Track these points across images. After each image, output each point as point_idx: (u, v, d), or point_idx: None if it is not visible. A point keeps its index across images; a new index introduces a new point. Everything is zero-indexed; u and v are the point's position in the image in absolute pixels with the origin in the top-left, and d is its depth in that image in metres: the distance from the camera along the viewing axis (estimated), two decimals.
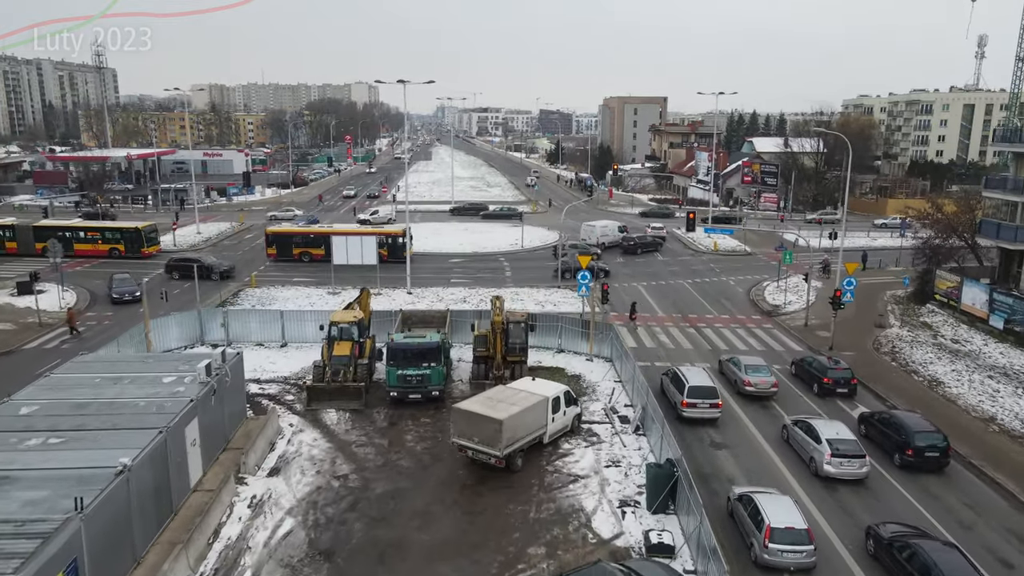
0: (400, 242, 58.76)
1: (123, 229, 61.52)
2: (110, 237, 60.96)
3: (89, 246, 60.57)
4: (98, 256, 60.31)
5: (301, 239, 59.96)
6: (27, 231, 61.27)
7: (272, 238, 60.04)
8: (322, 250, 57.94)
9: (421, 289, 51.24)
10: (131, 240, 60.46)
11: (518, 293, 50.39)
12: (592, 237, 66.01)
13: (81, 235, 61.10)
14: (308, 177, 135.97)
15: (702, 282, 55.59)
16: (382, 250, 58.31)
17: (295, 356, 36.81)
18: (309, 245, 59.47)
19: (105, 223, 65.28)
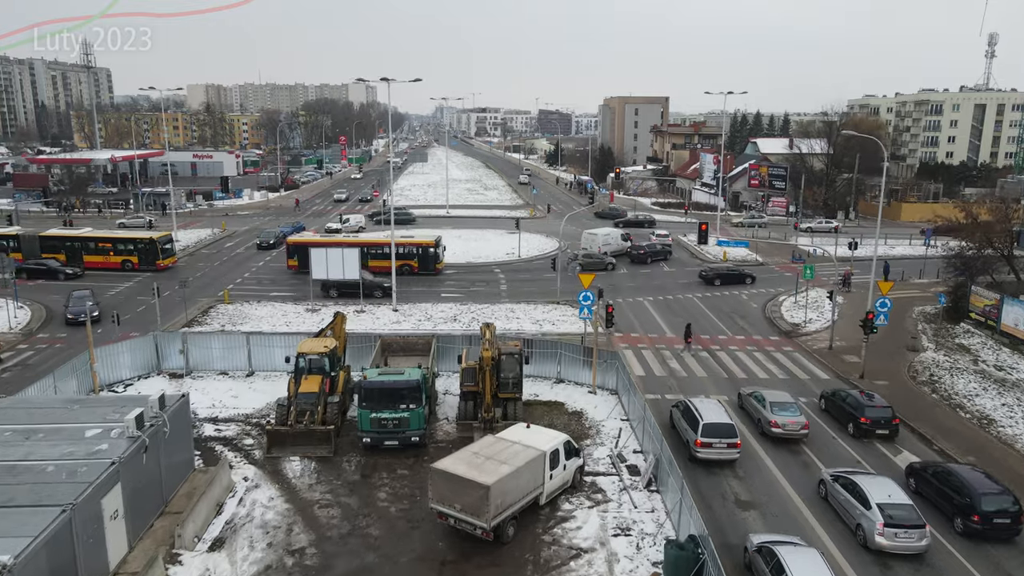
0: (431, 252, 55.32)
1: (136, 240, 57.26)
2: (122, 248, 56.79)
3: (100, 258, 56.51)
4: (110, 269, 56.22)
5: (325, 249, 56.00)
6: (33, 241, 57.16)
7: (293, 249, 56.08)
8: None
9: (408, 306, 47.13)
10: (145, 252, 56.26)
11: (514, 310, 46.29)
12: (593, 246, 61.91)
13: (91, 246, 56.87)
14: (299, 180, 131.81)
15: (713, 296, 51.48)
16: (411, 261, 54.86)
17: (262, 388, 32.70)
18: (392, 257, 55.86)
19: (117, 233, 60.71)
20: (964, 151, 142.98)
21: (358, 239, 57.18)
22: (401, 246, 55.22)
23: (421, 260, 55.85)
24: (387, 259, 53.88)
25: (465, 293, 51.60)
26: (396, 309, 46.04)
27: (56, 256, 56.23)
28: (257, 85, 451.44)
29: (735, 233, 77.56)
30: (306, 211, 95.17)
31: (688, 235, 75.04)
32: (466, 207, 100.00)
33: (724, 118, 79.82)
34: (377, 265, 54.54)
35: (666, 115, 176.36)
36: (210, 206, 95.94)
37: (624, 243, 64.50)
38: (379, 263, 54.59)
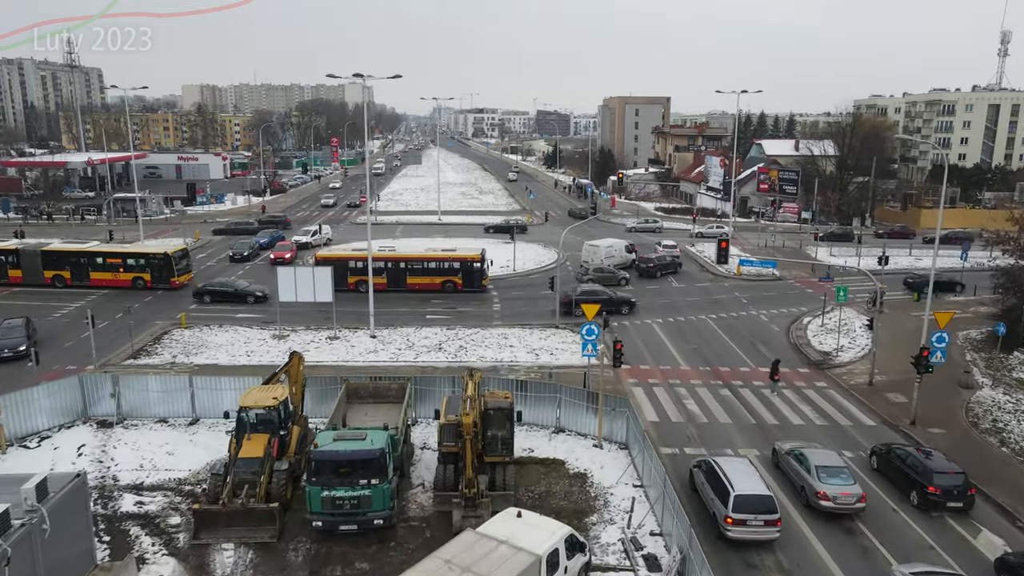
0: (476, 267, 50.59)
1: (148, 255, 51.49)
2: (133, 264, 51.23)
3: (108, 275, 50.97)
4: (119, 287, 50.73)
5: (359, 266, 50.25)
6: (34, 257, 51.65)
7: (322, 264, 50.71)
8: (384, 279, 50.11)
9: (388, 331, 41.86)
10: (158, 268, 50.67)
11: (507, 336, 41.02)
12: (595, 259, 56.68)
13: (98, 261, 51.37)
14: (287, 184, 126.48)
15: (729, 318, 46.25)
16: (455, 278, 50.22)
17: (205, 441, 27.44)
18: (366, 272, 49.20)
19: (127, 247, 55.02)
20: (977, 153, 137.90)
21: (396, 254, 52.23)
22: (443, 261, 51.32)
23: (466, 276, 50.90)
24: (428, 275, 50.62)
25: (453, 314, 46.35)
26: (374, 335, 40.78)
27: (60, 272, 51.16)
28: (252, 86, 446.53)
29: (744, 241, 72.43)
30: (291, 216, 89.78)
31: (697, 245, 69.89)
32: (459, 213, 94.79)
33: (735, 118, 74.42)
34: (417, 282, 50.72)
35: (667, 116, 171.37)
36: (179, 213, 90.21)
37: (629, 255, 59.28)
38: (419, 279, 50.77)
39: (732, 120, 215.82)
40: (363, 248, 54.12)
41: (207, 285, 49.73)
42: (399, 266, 51.09)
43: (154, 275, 50.80)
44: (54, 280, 51.06)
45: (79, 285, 50.73)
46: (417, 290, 50.77)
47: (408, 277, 51.04)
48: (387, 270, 50.87)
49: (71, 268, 51.23)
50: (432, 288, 50.82)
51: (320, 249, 52.28)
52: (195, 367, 35.53)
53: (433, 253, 52.49)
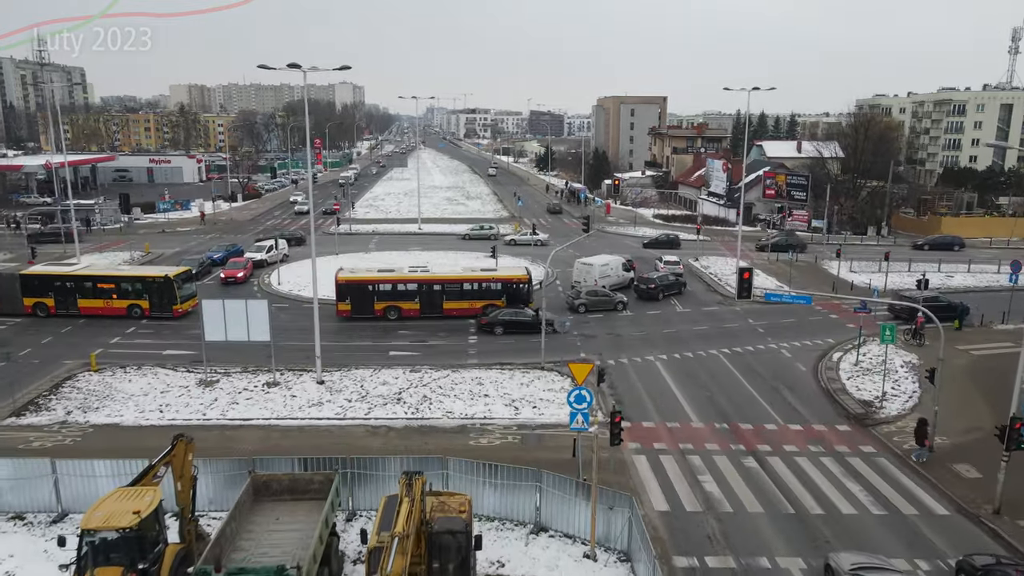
0: (523, 288, 44.57)
1: (146, 279, 44.58)
2: (128, 290, 44.18)
3: (99, 302, 43.95)
4: (113, 316, 43.67)
5: (388, 289, 44.59)
6: (12, 281, 44.55)
7: (345, 288, 44.10)
8: (417, 303, 44.55)
9: (340, 374, 34.92)
10: (158, 293, 43.68)
11: (482, 381, 34.11)
12: (589, 278, 49.84)
13: (88, 287, 44.22)
14: (263, 188, 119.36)
15: (744, 353, 39.41)
16: (498, 301, 44.24)
17: (64, 553, 20.42)
18: (399, 297, 44.62)
19: (122, 270, 47.45)
20: (989, 155, 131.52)
21: (431, 275, 45.80)
22: (484, 282, 45.22)
23: (510, 299, 44.66)
24: (468, 299, 44.76)
25: (421, 349, 39.45)
26: (322, 381, 33.82)
27: (42, 300, 44.03)
28: (241, 86, 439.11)
29: (754, 256, 65.70)
30: (259, 226, 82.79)
31: (701, 260, 63.11)
32: (442, 221, 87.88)
33: (745, 118, 67.65)
34: (455, 307, 44.60)
35: (664, 116, 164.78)
36: (130, 222, 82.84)
37: (627, 274, 52.48)
38: (457, 304, 44.64)
39: (730, 120, 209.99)
40: (390, 268, 47.97)
41: None
42: (433, 289, 44.84)
43: (153, 302, 43.55)
44: (35, 309, 43.96)
45: (65, 314, 43.72)
46: (455, 316, 44.50)
47: (445, 301, 44.75)
48: (420, 293, 44.71)
49: (55, 294, 44.11)
50: (472, 313, 44.51)
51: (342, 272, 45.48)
52: (89, 428, 28.61)
53: (473, 274, 46.57)
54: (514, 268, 48.89)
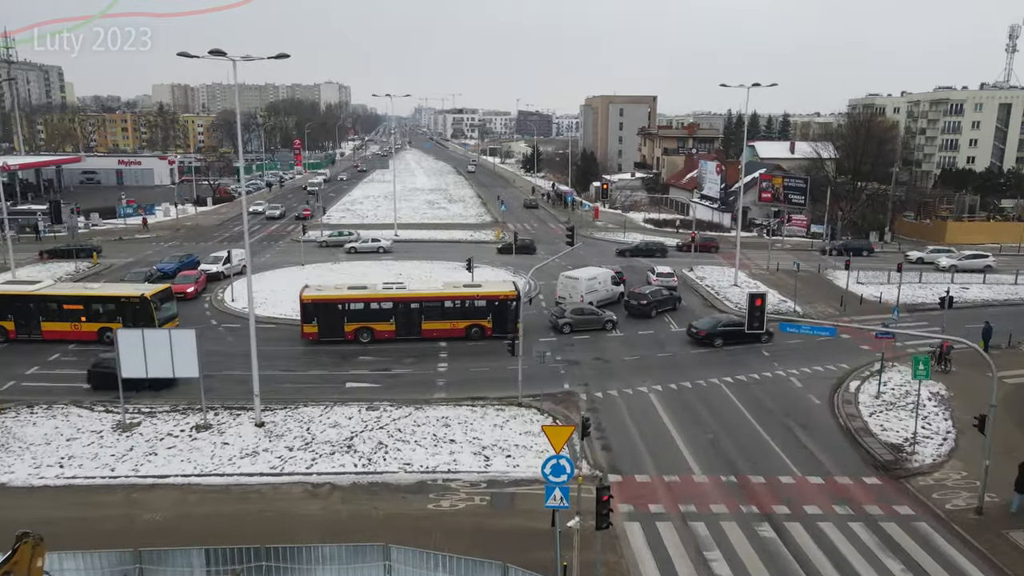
0: (511, 306, 39.40)
1: (119, 299, 39.43)
2: (100, 311, 39.09)
3: (66, 325, 38.83)
4: (81, 340, 38.47)
5: (360, 308, 39.79)
6: None
7: (311, 308, 39.13)
8: (393, 324, 39.89)
9: (284, 413, 30.07)
10: (132, 315, 38.28)
11: (449, 421, 29.35)
12: (575, 294, 45.18)
13: (52, 308, 39.06)
14: (235, 191, 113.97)
15: (749, 382, 34.85)
16: (482, 321, 39.81)
17: None
18: (372, 318, 39.81)
19: (91, 289, 41.73)
20: (987, 156, 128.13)
21: (408, 293, 40.70)
22: (468, 299, 40.27)
23: (497, 318, 40.14)
24: (449, 318, 40.27)
25: (384, 380, 34.64)
26: (262, 423, 28.95)
27: (2, 323, 38.96)
28: (225, 85, 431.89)
29: (750, 263, 61.34)
30: (227, 232, 77.65)
31: (696, 270, 58.57)
32: (421, 226, 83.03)
33: (745, 117, 63.26)
34: (434, 328, 39.96)
35: (654, 116, 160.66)
36: (88, 228, 77.54)
37: (616, 288, 47.86)
38: (437, 324, 39.98)
39: (721, 120, 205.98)
40: (362, 284, 42.56)
41: None
42: (411, 308, 39.98)
43: (127, 324, 37.64)
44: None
45: (27, 340, 38.69)
46: (435, 338, 39.91)
47: (424, 321, 40.01)
48: (396, 313, 39.89)
49: (16, 316, 38.96)
50: (454, 335, 40.06)
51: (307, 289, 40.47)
52: None
53: (455, 290, 41.22)
54: (501, 283, 43.98)
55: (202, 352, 28.70)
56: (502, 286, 41.80)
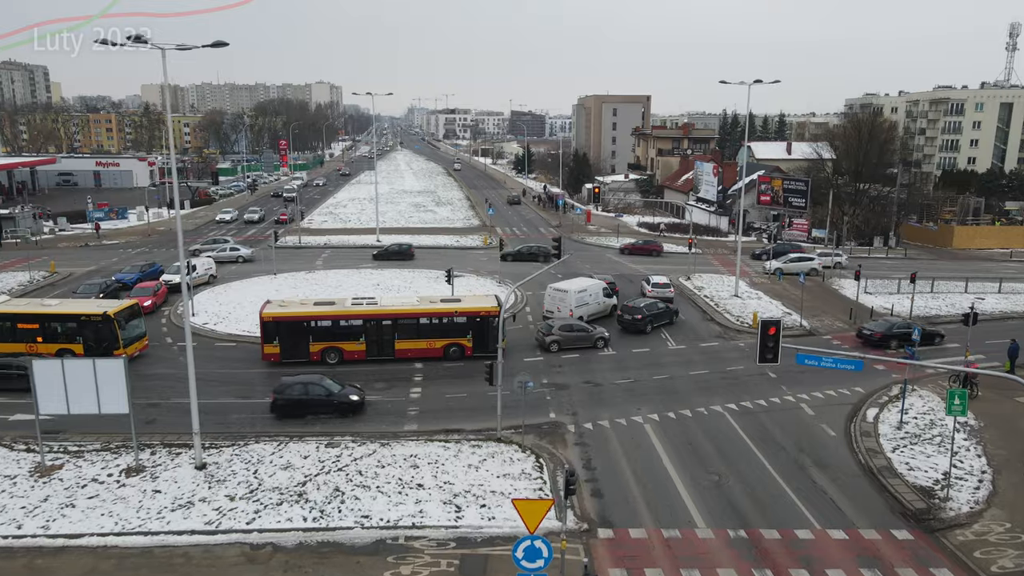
0: (494, 324, 35.56)
1: (80, 317, 35.52)
2: (58, 331, 35.47)
3: (21, 346, 34.91)
4: None
5: (328, 326, 36.02)
6: None
7: (273, 326, 35.47)
8: (363, 344, 36.29)
9: (231, 451, 26.42)
10: (95, 335, 34.86)
11: (418, 461, 25.80)
12: (563, 307, 41.72)
13: (5, 327, 35.47)
14: (216, 193, 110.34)
15: (755, 409, 31.43)
16: (462, 339, 36.19)
17: None
18: (340, 336, 36.12)
19: (49, 307, 37.13)
20: (988, 157, 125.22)
21: (379, 309, 36.86)
22: (446, 316, 36.93)
23: (478, 336, 36.61)
24: (425, 337, 36.58)
25: (340, 417, 30.99)
26: (203, 464, 25.33)
27: None
28: (215, 85, 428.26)
29: (750, 270, 58.04)
30: (202, 236, 73.85)
31: (693, 277, 55.16)
32: (405, 231, 79.34)
33: (746, 116, 59.31)
34: (409, 348, 36.40)
35: (648, 116, 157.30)
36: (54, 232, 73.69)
37: (608, 300, 44.39)
38: (411, 344, 36.45)
39: (716, 121, 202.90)
40: (330, 300, 38.59)
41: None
42: (383, 325, 36.30)
43: (89, 346, 34.48)
44: None
45: None
46: (410, 359, 36.31)
47: (398, 340, 36.35)
48: (367, 331, 36.23)
49: None
50: (431, 355, 36.52)
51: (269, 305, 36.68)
52: None
53: (432, 306, 37.37)
54: (482, 298, 40.04)
55: (131, 383, 25.03)
56: (483, 301, 38.18)
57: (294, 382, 30.63)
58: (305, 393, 30.22)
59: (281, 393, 30.20)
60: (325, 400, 30.27)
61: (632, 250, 66.71)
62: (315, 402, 30.19)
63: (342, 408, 30.36)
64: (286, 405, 30.08)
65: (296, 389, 30.28)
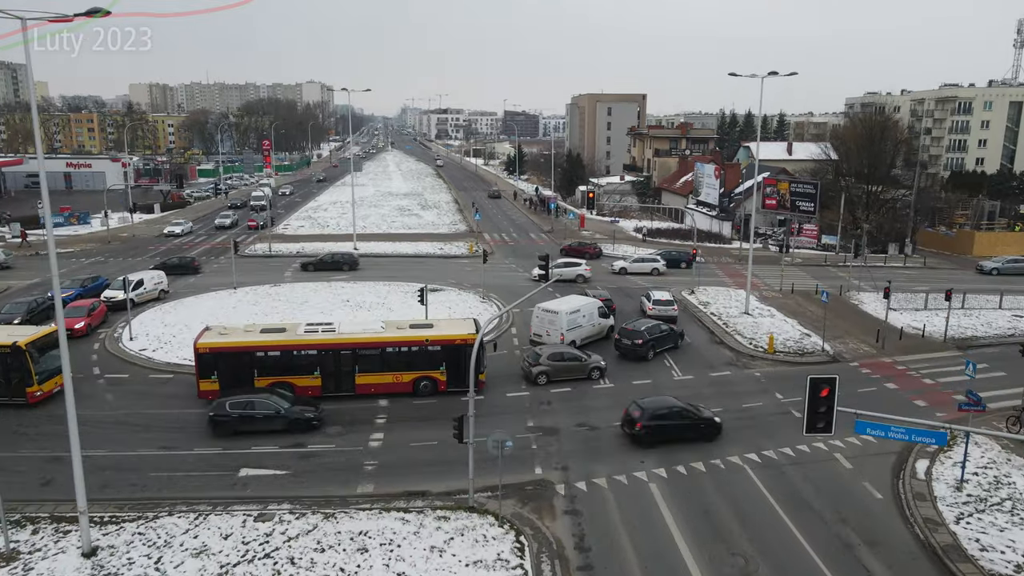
0: (464, 354, 30.05)
1: None
2: None
3: None
4: None
5: (276, 356, 30.56)
6: None
7: (210, 359, 30.11)
8: (318, 378, 30.92)
9: (134, 527, 21.08)
10: (3, 369, 29.62)
11: (368, 543, 20.52)
12: (554, 331, 36.51)
13: None
14: (191, 196, 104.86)
15: (781, 460, 26.27)
16: (434, 372, 30.97)
17: None
18: (292, 369, 30.75)
19: None
20: (997, 158, 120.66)
21: (337, 338, 31.31)
22: (416, 345, 31.45)
23: (452, 368, 31.18)
24: (392, 369, 31.29)
25: (293, 463, 25.71)
26: (93, 551, 20.00)
27: None
28: (204, 84, 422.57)
29: (760, 282, 52.99)
30: (164, 245, 68.44)
31: (698, 293, 50.05)
32: (387, 237, 74.07)
33: (759, 112, 54.04)
34: (372, 382, 31.07)
35: (643, 115, 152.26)
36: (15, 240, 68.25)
37: (604, 321, 39.17)
38: (375, 378, 31.11)
39: (713, 121, 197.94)
40: (278, 327, 32.78)
41: None
42: (341, 356, 31.02)
43: None
44: None
45: None
46: (373, 394, 31.12)
47: (359, 374, 31.06)
48: (323, 362, 30.92)
49: None
50: (398, 390, 31.27)
51: (207, 333, 31.25)
52: None
53: (400, 334, 31.83)
54: (459, 322, 34.47)
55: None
56: (460, 326, 32.84)
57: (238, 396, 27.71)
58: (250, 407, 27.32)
59: (220, 410, 26.96)
60: (273, 416, 27.24)
61: (568, 251, 62.97)
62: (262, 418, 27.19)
63: (295, 426, 27.29)
64: (226, 421, 26.87)
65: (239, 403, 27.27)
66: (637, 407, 27.49)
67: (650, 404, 27.80)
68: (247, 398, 28.01)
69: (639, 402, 28.05)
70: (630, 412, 27.53)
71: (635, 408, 27.51)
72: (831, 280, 55.31)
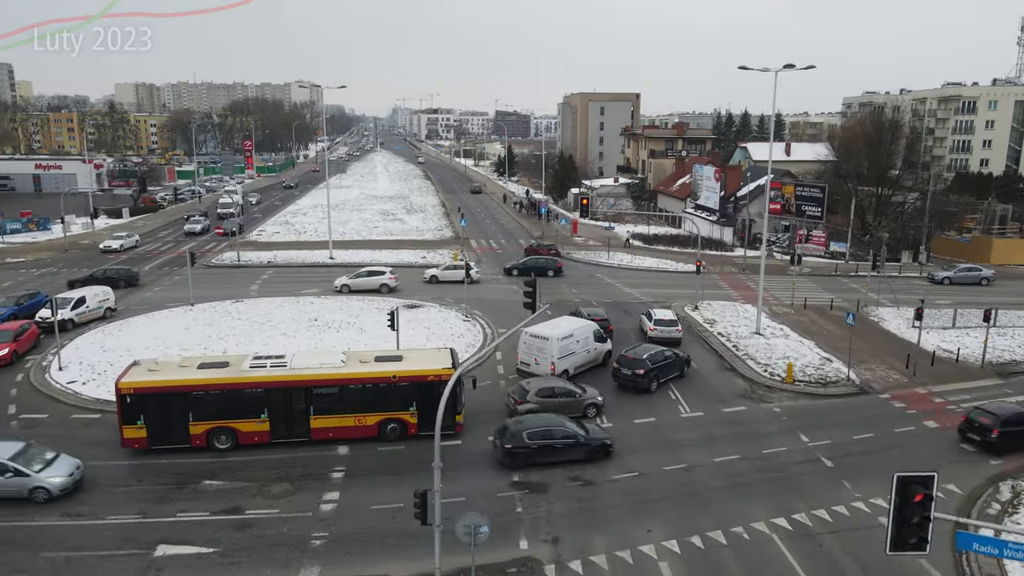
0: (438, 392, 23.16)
1: None
2: None
3: None
4: None
5: (216, 397, 25.75)
6: None
7: (136, 401, 25.35)
8: (266, 423, 26.16)
9: None
10: None
11: None
12: (543, 359, 31.94)
13: None
14: (164, 198, 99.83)
15: (816, 527, 21.85)
16: (403, 414, 26.51)
17: None
18: (234, 412, 25.97)
19: None
20: (1003, 159, 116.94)
21: (289, 374, 26.42)
22: (381, 383, 26.75)
23: (423, 408, 26.24)
24: (353, 411, 26.60)
25: (224, 536, 21.07)
26: None
27: None
28: (191, 84, 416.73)
29: (769, 295, 48.64)
30: (126, 253, 63.53)
31: (703, 310, 45.63)
32: (367, 244, 69.38)
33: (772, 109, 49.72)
34: (330, 426, 26.50)
35: (637, 115, 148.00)
36: None
37: (601, 346, 34.64)
38: (333, 421, 26.39)
39: (708, 121, 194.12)
40: (220, 361, 27.82)
41: None
42: (293, 396, 26.30)
43: None
44: None
45: None
46: (331, 440, 26.48)
47: (314, 417, 26.29)
48: (271, 403, 26.18)
49: None
50: (361, 435, 26.59)
51: (134, 369, 26.42)
52: None
53: (364, 369, 26.96)
54: (433, 353, 29.28)
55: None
56: (434, 359, 28.11)
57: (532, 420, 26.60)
58: (548, 436, 25.65)
59: (518, 442, 25.23)
60: (573, 445, 25.71)
61: (529, 251, 61.89)
62: (562, 447, 25.58)
63: (594, 455, 25.77)
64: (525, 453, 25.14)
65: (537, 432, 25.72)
66: None
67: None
68: (543, 425, 25.45)
69: None
70: None
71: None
72: (844, 293, 51.11)
